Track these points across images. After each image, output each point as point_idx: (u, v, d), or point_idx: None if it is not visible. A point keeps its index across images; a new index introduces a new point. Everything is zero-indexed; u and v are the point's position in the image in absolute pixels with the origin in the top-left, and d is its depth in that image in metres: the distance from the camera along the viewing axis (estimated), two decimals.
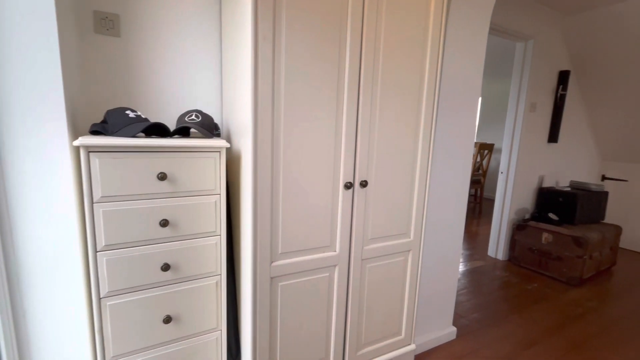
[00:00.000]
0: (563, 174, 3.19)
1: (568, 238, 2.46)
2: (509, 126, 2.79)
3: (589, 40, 2.69)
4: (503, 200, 2.88)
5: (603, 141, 3.34)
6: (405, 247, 1.39)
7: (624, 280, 2.62)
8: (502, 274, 2.64)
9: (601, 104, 3.06)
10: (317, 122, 1.07)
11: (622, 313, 2.12)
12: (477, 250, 3.19)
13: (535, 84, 2.71)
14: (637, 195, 3.28)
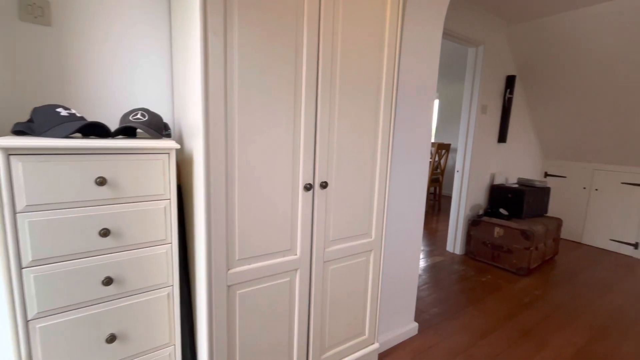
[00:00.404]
0: (511, 172, 3.42)
1: (517, 232, 2.64)
2: (463, 127, 2.94)
3: (532, 48, 2.91)
4: (459, 197, 3.02)
5: (545, 141, 3.64)
6: (367, 247, 1.39)
7: (565, 268, 2.87)
8: (460, 268, 2.77)
9: (543, 107, 3.33)
10: (274, 122, 1.03)
11: (564, 299, 2.31)
12: (437, 246, 3.33)
13: (486, 88, 2.88)
14: (574, 190, 3.61)
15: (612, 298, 2.35)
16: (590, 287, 2.50)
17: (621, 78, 2.66)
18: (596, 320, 2.04)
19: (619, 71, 2.64)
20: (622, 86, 2.71)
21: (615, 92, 2.78)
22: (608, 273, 2.80)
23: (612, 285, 2.55)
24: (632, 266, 3.00)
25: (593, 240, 3.51)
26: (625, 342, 1.83)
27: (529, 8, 2.54)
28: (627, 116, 2.86)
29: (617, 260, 3.14)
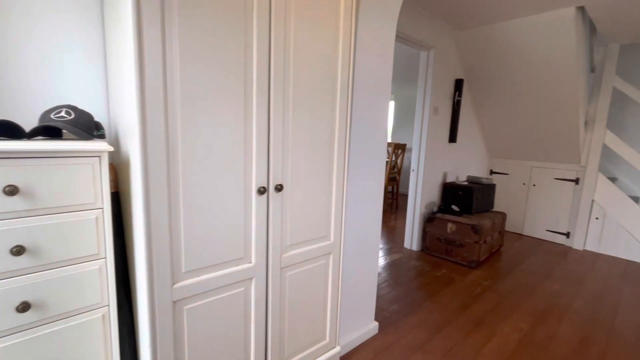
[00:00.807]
0: (461, 170, 3.63)
1: (467, 227, 2.79)
2: (417, 128, 3.05)
3: (476, 53, 3.10)
4: (415, 195, 3.13)
5: (490, 141, 3.91)
6: (326, 250, 1.36)
7: (510, 259, 3.09)
8: (417, 264, 2.86)
9: (487, 109, 3.57)
10: (222, 121, 0.96)
11: (509, 287, 2.48)
12: (396, 243, 3.42)
13: (437, 90, 3.01)
14: (515, 186, 3.92)
15: (550, 284, 2.57)
16: (531, 275, 2.72)
17: (550, 84, 2.93)
18: (537, 306, 2.21)
19: (548, 77, 2.90)
20: (550, 92, 2.98)
21: (545, 97, 3.06)
22: (545, 261, 3.07)
23: (549, 272, 2.80)
24: (565, 253, 3.32)
25: (532, 231, 3.84)
26: (562, 325, 2.00)
27: (473, 16, 2.70)
28: (555, 119, 3.16)
29: (553, 248, 3.46)
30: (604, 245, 3.35)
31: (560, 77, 2.84)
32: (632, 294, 2.46)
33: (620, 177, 3.87)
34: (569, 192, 3.52)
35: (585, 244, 3.47)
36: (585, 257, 3.22)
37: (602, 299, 2.36)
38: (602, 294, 2.43)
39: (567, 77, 2.80)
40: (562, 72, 2.79)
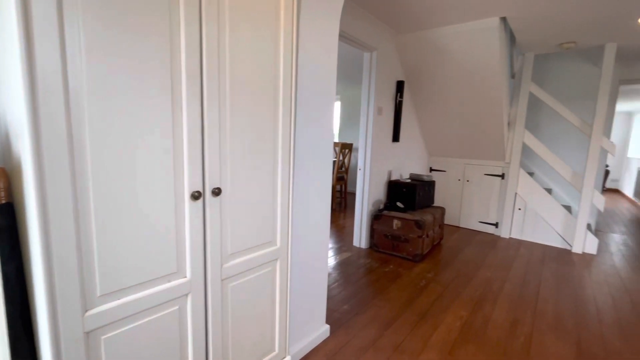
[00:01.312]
0: (405, 168, 3.79)
1: (411, 222, 2.91)
2: (362, 127, 3.10)
3: (415, 56, 3.26)
4: (362, 194, 3.19)
5: (429, 140, 4.15)
6: (273, 255, 1.28)
7: (449, 250, 3.30)
8: (365, 261, 2.91)
9: (426, 110, 3.78)
10: (145, 120, 0.83)
11: (450, 277, 2.63)
12: (345, 242, 3.45)
13: (380, 91, 3.09)
14: (452, 182, 4.22)
15: (484, 272, 2.79)
16: (468, 264, 2.93)
17: (479, 88, 3.20)
18: (474, 293, 2.38)
19: (477, 82, 3.16)
20: (479, 95, 3.26)
21: (475, 100, 3.33)
22: (479, 250, 3.34)
23: (482, 261, 3.04)
24: (495, 242, 3.65)
25: (467, 223, 4.17)
26: (495, 309, 2.17)
27: (410, 21, 2.82)
28: (483, 120, 3.46)
29: (484, 238, 3.79)
30: (526, 232, 3.76)
31: (487, 81, 3.10)
32: (550, 275, 2.78)
33: (537, 172, 4.38)
34: (496, 186, 3.89)
35: (511, 233, 3.85)
36: (511, 245, 3.58)
37: (526, 281, 2.63)
38: (526, 277, 2.71)
39: (493, 82, 3.07)
40: (489, 77, 3.05)
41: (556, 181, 4.24)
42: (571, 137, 4.08)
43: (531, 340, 1.84)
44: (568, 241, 3.50)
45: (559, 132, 4.16)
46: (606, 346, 1.82)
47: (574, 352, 1.76)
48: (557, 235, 3.56)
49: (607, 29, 2.78)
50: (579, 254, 3.38)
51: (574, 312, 2.17)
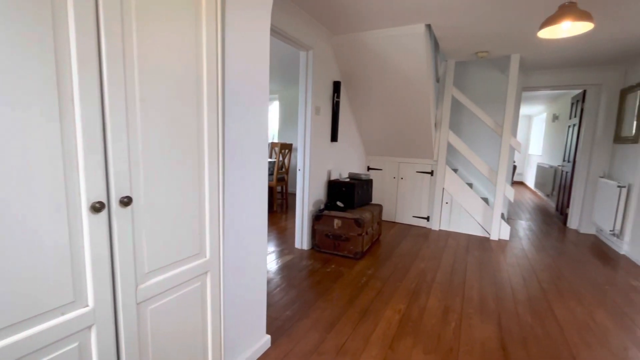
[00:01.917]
0: (344, 167, 3.85)
1: (351, 221, 2.95)
2: (301, 127, 3.06)
3: (350, 58, 3.32)
4: (303, 194, 3.14)
5: (366, 140, 4.29)
6: (202, 269, 1.15)
7: (387, 246, 3.44)
8: (308, 263, 2.87)
9: (362, 111, 3.89)
10: (15, 117, 0.65)
11: (388, 272, 2.73)
12: (287, 244, 3.37)
13: (318, 90, 3.08)
14: (387, 179, 4.42)
15: (418, 263, 2.95)
16: (404, 258, 3.08)
17: (409, 90, 3.39)
18: (410, 285, 2.49)
19: (407, 85, 3.34)
20: (409, 97, 3.46)
21: (406, 102, 3.53)
22: (414, 244, 3.54)
23: (417, 253, 3.23)
24: (427, 235, 3.91)
25: (402, 218, 4.40)
26: (429, 299, 2.30)
27: (344, 22, 2.86)
28: (413, 121, 3.69)
29: (418, 231, 4.04)
30: (453, 224, 4.10)
31: (416, 84, 3.29)
32: (474, 261, 3.06)
33: (460, 168, 4.82)
34: (427, 182, 4.17)
35: (440, 225, 4.17)
36: (440, 236, 3.87)
37: (455, 269, 2.85)
38: (455, 265, 2.94)
39: (421, 85, 3.27)
40: (417, 81, 3.24)
41: (475, 176, 4.71)
42: (486, 137, 4.57)
43: (461, 325, 1.98)
44: (487, 230, 3.91)
45: (476, 132, 4.64)
46: (520, 321, 2.05)
47: (496, 331, 1.94)
48: (478, 225, 3.95)
49: (512, 42, 3.16)
50: (496, 240, 3.80)
51: (495, 295, 2.40)
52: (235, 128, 1.34)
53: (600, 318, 2.13)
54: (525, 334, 1.92)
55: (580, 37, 2.95)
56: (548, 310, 2.19)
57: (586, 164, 4.26)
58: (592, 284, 2.65)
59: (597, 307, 2.27)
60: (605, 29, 2.74)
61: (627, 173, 3.58)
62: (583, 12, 1.92)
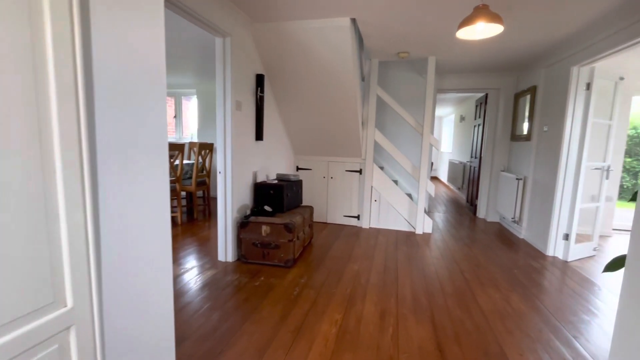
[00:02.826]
0: (271, 168, 3.58)
1: (281, 226, 2.71)
2: (220, 125, 2.69)
3: (273, 49, 3.07)
4: (225, 200, 2.78)
5: (294, 139, 4.08)
6: (60, 324, 0.79)
7: (319, 249, 3.29)
8: (234, 278, 2.53)
9: (288, 108, 3.67)
10: None
11: (322, 278, 2.57)
12: (210, 257, 2.96)
13: (238, 84, 2.75)
14: (317, 179, 4.30)
15: (352, 265, 2.86)
16: (338, 261, 2.96)
17: (335, 87, 3.29)
18: (346, 292, 2.37)
19: (333, 82, 3.24)
20: (336, 95, 3.37)
21: (333, 99, 3.43)
22: (346, 244, 3.47)
23: (350, 254, 3.15)
24: (358, 233, 3.89)
25: (334, 218, 4.33)
26: (365, 305, 2.19)
27: (265, 9, 2.60)
28: (341, 119, 3.62)
29: (350, 230, 4.00)
30: (382, 221, 4.17)
31: (342, 81, 3.20)
32: (403, 257, 3.10)
33: (386, 166, 4.97)
34: (356, 181, 4.16)
35: (370, 223, 4.21)
36: (371, 234, 3.89)
37: (387, 268, 2.83)
38: (386, 264, 2.93)
39: (347, 81, 3.19)
40: (344, 77, 3.16)
41: (399, 173, 4.91)
42: (407, 135, 4.79)
43: (398, 329, 1.91)
44: (412, 225, 4.06)
45: (398, 131, 4.82)
46: (451, 316, 2.07)
47: (431, 330, 1.91)
48: (404, 220, 4.09)
49: (430, 44, 3.29)
50: (421, 234, 3.97)
51: (425, 290, 2.43)
52: (113, 127, 0.98)
53: (515, 302, 2.29)
54: (457, 329, 1.93)
55: (484, 45, 3.22)
56: (473, 301, 2.28)
57: (490, 159, 4.77)
58: (503, 269, 2.90)
59: (511, 292, 2.45)
60: (503, 38, 3.02)
61: (523, 167, 4.08)
62: (494, 14, 2.01)
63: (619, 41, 2.55)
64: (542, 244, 3.46)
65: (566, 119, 3.15)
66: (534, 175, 3.79)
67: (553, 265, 3.07)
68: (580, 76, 3.08)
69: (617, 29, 2.56)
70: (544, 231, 3.46)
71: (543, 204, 3.52)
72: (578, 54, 3.03)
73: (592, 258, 3.37)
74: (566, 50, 3.17)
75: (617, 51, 2.67)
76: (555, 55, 3.38)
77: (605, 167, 3.35)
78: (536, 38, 3.04)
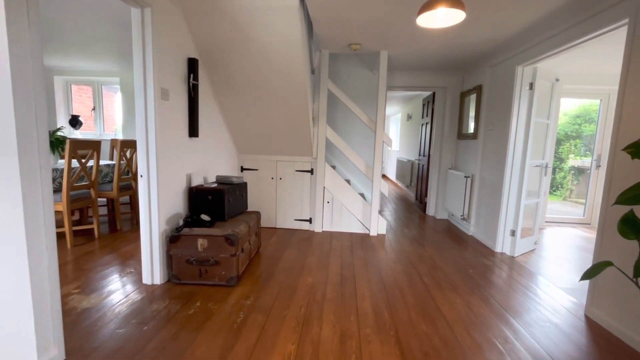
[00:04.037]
0: (210, 170, 3.11)
1: (221, 239, 2.29)
2: (140, 117, 2.18)
3: (209, 29, 2.61)
4: (149, 209, 2.27)
5: (237, 135, 3.64)
6: None
7: (269, 260, 2.92)
8: (160, 307, 2.05)
9: (228, 99, 3.22)
10: None
11: (273, 297, 2.21)
12: (132, 279, 2.42)
13: (165, 67, 2.26)
14: (265, 180, 3.91)
15: (305, 278, 2.55)
16: (289, 273, 2.63)
17: (283, 79, 2.94)
18: (299, 312, 2.04)
19: (281, 70, 2.89)
20: (283, 87, 3.02)
21: (280, 92, 3.07)
22: (298, 252, 3.15)
23: (303, 264, 2.83)
24: (311, 238, 3.60)
25: (284, 223, 3.98)
26: (322, 328, 1.89)
27: None
28: (290, 115, 3.29)
29: (301, 235, 3.69)
30: (335, 223, 3.93)
31: (290, 71, 2.86)
32: (360, 264, 2.88)
33: (337, 165, 4.74)
34: (307, 181, 3.86)
35: (323, 226, 3.94)
36: (324, 238, 3.62)
37: (344, 278, 2.57)
38: (343, 273, 2.67)
39: (296, 71, 2.86)
40: (292, 66, 2.82)
41: (352, 172, 4.72)
42: (359, 133, 4.62)
43: (362, 356, 1.64)
44: (366, 226, 3.89)
45: (349, 127, 4.63)
46: (416, 332, 1.87)
47: (398, 352, 1.68)
48: (358, 222, 3.89)
49: (383, 36, 3.11)
50: (375, 236, 3.81)
51: (386, 302, 2.21)
52: None
53: (476, 307, 2.18)
54: (425, 348, 1.73)
55: (438, 39, 3.13)
56: (436, 311, 2.12)
57: (438, 158, 4.81)
58: (458, 269, 2.83)
59: (471, 295, 2.35)
60: (454, 33, 2.95)
61: (469, 165, 4.14)
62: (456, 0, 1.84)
63: (559, 43, 2.60)
64: (491, 240, 3.51)
65: (512, 118, 3.20)
66: (480, 173, 3.85)
67: (502, 262, 3.10)
68: (524, 76, 3.14)
69: (558, 31, 2.61)
70: (491, 228, 3.52)
71: (490, 201, 3.57)
72: (522, 53, 3.08)
73: (533, 252, 3.50)
74: (511, 50, 3.22)
75: (558, 52, 2.74)
76: (500, 54, 3.44)
77: (544, 165, 3.50)
78: (486, 36, 3.02)
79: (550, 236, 4.17)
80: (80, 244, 3.19)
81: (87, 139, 4.15)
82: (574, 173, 5.97)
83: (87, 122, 5.69)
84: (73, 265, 2.65)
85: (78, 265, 2.64)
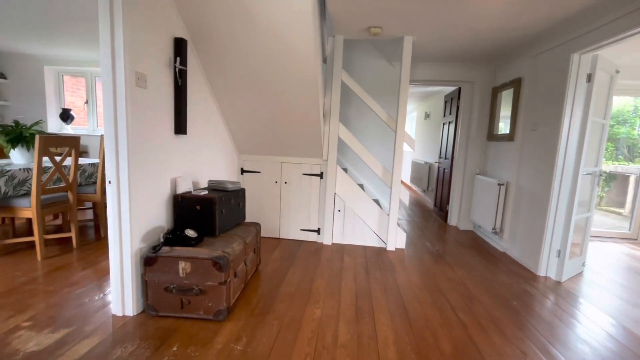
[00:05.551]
0: (202, 173, 2.65)
1: (207, 262, 1.83)
2: (108, 109, 1.72)
3: (201, 5, 2.14)
4: (119, 223, 1.82)
5: (236, 133, 3.17)
6: None
7: (269, 282, 2.45)
8: (127, 351, 1.60)
9: (225, 90, 2.75)
10: None
11: (271, 339, 1.74)
12: (102, 307, 1.98)
13: (140, 47, 1.80)
14: (268, 185, 3.44)
15: (312, 309, 2.07)
16: (293, 301, 2.16)
17: (291, 66, 2.46)
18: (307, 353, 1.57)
19: (289, 57, 2.40)
20: (292, 76, 2.54)
21: (286, 80, 2.59)
22: (304, 270, 2.67)
23: (309, 288, 2.36)
24: (319, 252, 3.12)
25: (288, 233, 3.51)
26: None
27: None
28: (299, 109, 2.81)
29: (308, 248, 3.21)
30: (347, 235, 3.44)
31: (299, 58, 2.38)
32: (378, 289, 2.39)
33: (350, 168, 4.25)
34: (316, 187, 3.38)
35: (333, 238, 3.46)
36: (335, 253, 3.14)
37: (359, 310, 2.09)
38: (358, 303, 2.18)
39: (306, 60, 2.37)
40: (301, 52, 2.33)
41: (365, 176, 4.22)
42: (376, 132, 4.11)
43: None
44: (383, 239, 3.39)
45: (364, 126, 4.12)
46: None
47: None
48: (373, 234, 3.40)
49: (409, 16, 2.60)
50: (393, 250, 3.31)
51: (416, 350, 1.72)
52: None
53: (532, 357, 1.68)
54: None
55: (471, 22, 2.60)
56: None
57: (463, 160, 4.28)
58: (499, 300, 2.31)
59: (523, 341, 1.84)
60: (498, 14, 2.42)
61: (502, 170, 3.60)
62: None
63: (627, 26, 2.07)
64: (531, 261, 2.98)
65: (564, 117, 2.66)
66: (518, 180, 3.31)
67: (549, 289, 2.57)
68: (580, 65, 2.60)
69: (625, 12, 2.08)
70: (532, 246, 2.98)
71: (530, 213, 3.04)
72: (579, 38, 2.54)
73: (581, 275, 2.96)
74: (565, 34, 2.67)
75: (624, 37, 2.21)
76: (548, 40, 2.89)
77: (597, 172, 2.95)
78: (540, 14, 2.48)
79: (594, 255, 3.60)
80: (54, 255, 2.77)
81: (62, 134, 3.74)
82: (605, 179, 5.40)
83: (81, 116, 5.31)
84: (36, 284, 2.22)
85: (41, 286, 2.21)
